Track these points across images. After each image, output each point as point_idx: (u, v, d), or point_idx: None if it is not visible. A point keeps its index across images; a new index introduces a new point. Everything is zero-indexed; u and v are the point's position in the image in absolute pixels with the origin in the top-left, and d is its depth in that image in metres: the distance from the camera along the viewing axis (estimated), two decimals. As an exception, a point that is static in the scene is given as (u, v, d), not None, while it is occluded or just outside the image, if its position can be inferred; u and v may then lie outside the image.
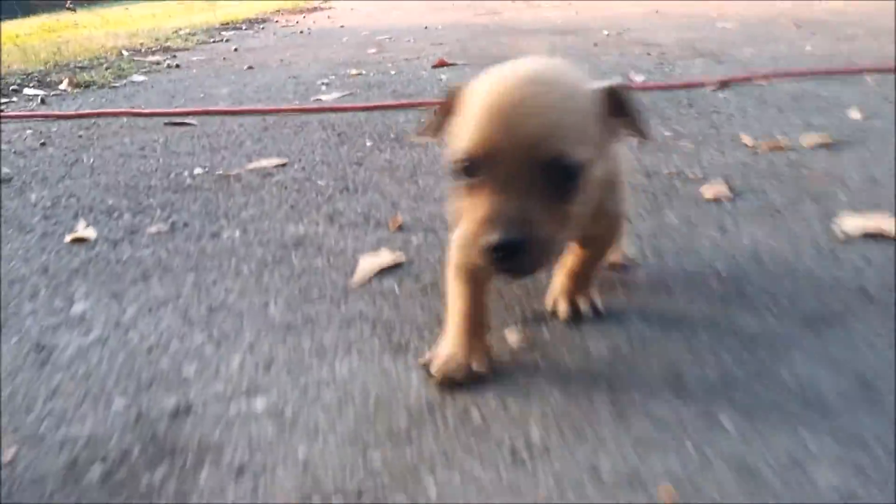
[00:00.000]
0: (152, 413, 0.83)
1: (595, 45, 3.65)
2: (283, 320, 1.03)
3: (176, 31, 5.15)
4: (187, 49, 4.41)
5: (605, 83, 0.77)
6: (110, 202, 1.60)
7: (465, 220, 0.72)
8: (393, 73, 3.17)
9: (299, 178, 1.71)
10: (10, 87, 3.13)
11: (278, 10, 6.88)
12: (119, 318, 1.06)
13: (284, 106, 2.52)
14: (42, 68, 3.64)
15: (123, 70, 3.53)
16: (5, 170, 1.89)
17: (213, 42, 4.78)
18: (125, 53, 4.14)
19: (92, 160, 1.98)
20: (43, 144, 2.18)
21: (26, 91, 3.08)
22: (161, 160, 1.94)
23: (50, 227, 1.47)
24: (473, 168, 0.71)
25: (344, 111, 2.41)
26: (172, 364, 0.93)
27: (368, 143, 2.00)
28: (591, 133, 0.74)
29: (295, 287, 1.13)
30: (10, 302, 1.13)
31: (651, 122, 0.43)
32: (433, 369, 0.86)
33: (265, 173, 1.76)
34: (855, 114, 1.96)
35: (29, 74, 3.43)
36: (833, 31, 3.58)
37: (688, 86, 2.46)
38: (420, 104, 2.43)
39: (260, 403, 0.84)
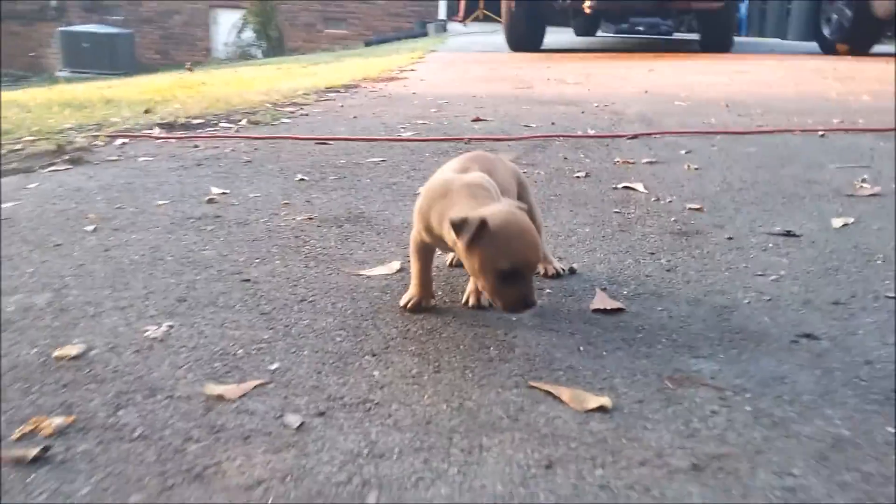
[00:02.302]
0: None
1: (582, 112, 5.46)
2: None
3: (295, 92, 7.19)
4: (308, 104, 6.40)
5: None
6: (308, 170, 3.45)
7: (501, 294, 1.43)
8: (446, 123, 5.04)
9: (392, 166, 3.54)
10: (212, 123, 5.13)
11: (364, 78, 8.94)
12: (325, 197, 2.88)
13: (380, 137, 4.39)
14: (220, 112, 5.66)
15: (274, 115, 5.51)
16: (246, 157, 3.79)
17: (324, 101, 6.78)
18: (268, 105, 6.15)
19: (287, 156, 3.86)
20: (256, 149, 4.08)
21: (221, 125, 5.05)
22: (322, 157, 3.81)
23: (286, 174, 3.32)
24: (511, 270, 1.41)
25: (414, 141, 4.26)
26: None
27: (427, 154, 3.83)
28: None
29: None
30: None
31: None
32: (401, 303, 1.66)
33: (376, 162, 3.60)
34: (681, 150, 3.69)
35: (217, 115, 5.43)
36: (743, 111, 5.29)
37: (613, 136, 4.22)
38: (457, 139, 4.26)
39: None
